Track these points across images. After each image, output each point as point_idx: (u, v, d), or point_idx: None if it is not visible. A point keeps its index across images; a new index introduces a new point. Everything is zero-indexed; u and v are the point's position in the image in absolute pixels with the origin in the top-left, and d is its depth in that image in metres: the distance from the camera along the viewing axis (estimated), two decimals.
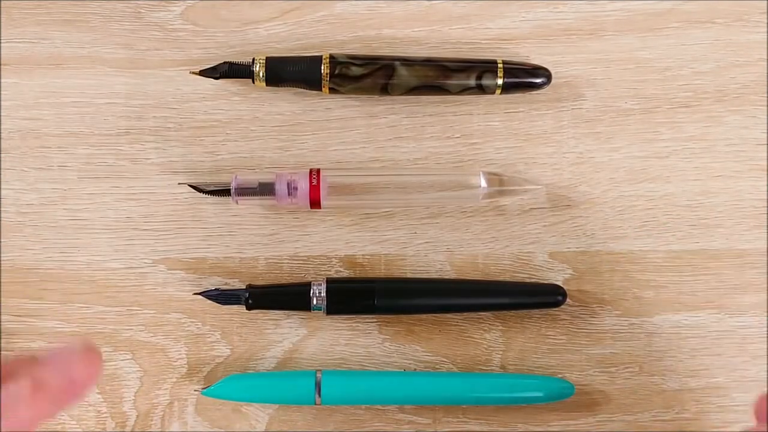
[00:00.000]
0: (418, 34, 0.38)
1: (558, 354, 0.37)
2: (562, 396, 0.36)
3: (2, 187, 0.37)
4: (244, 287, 0.36)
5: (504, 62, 0.37)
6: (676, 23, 0.38)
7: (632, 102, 0.38)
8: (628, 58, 0.38)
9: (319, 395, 0.35)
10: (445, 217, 0.38)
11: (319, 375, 0.35)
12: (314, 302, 0.35)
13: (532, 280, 0.37)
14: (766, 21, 0.38)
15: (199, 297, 0.36)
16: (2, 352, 0.28)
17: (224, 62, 0.37)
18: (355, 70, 0.36)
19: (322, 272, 0.37)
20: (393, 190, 0.36)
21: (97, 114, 0.38)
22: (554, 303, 0.36)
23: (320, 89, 0.37)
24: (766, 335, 0.37)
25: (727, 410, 0.37)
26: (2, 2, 0.38)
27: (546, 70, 0.37)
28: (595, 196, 0.38)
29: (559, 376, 0.37)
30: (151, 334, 0.37)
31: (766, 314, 0.37)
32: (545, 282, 0.37)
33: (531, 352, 0.37)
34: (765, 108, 0.38)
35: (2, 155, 0.37)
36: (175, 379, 0.37)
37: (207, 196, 0.36)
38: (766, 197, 0.37)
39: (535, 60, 0.38)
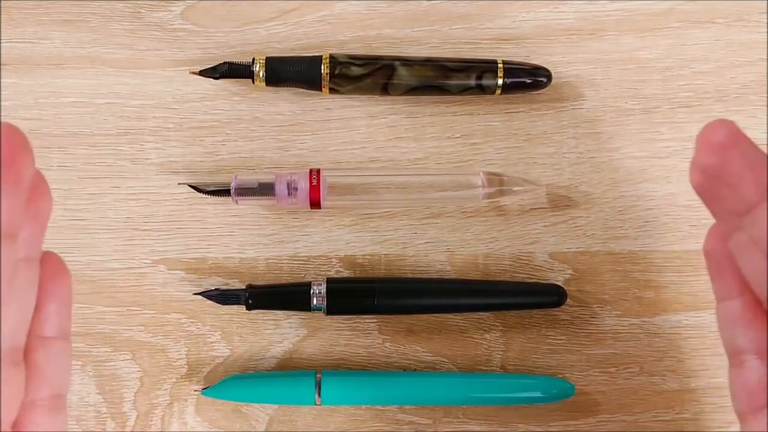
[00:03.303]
0: (418, 34, 0.38)
1: (558, 354, 0.37)
2: (562, 396, 0.36)
3: None
4: (244, 287, 0.36)
5: (504, 62, 0.37)
6: (676, 23, 0.38)
7: (632, 102, 0.38)
8: (628, 58, 0.38)
9: (319, 395, 0.35)
10: (445, 217, 0.38)
11: (319, 375, 0.35)
12: (314, 302, 0.35)
13: (532, 280, 0.37)
14: (766, 21, 0.38)
15: (199, 297, 0.36)
16: None
17: (224, 62, 0.37)
18: (355, 70, 0.36)
19: (322, 272, 0.37)
20: (393, 190, 0.36)
21: (97, 114, 0.38)
22: (554, 303, 0.36)
23: (320, 89, 0.37)
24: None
25: (727, 410, 0.37)
26: (2, 2, 0.38)
27: (546, 70, 0.37)
28: (595, 196, 0.38)
29: (559, 376, 0.37)
30: (151, 335, 0.37)
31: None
32: (545, 282, 0.37)
33: (531, 352, 0.37)
34: (765, 108, 0.38)
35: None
36: (175, 379, 0.37)
37: (207, 196, 0.36)
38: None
39: (535, 60, 0.38)
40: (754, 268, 0.28)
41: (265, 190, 0.36)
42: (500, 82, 0.37)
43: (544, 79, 0.37)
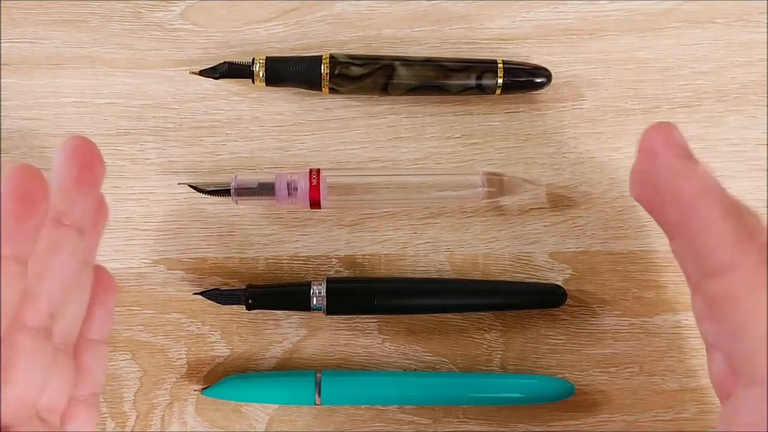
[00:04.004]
0: (418, 34, 0.38)
1: (558, 354, 0.37)
2: (562, 396, 0.36)
3: None
4: (244, 287, 0.36)
5: (504, 62, 0.37)
6: (676, 23, 0.38)
7: (632, 102, 0.38)
8: (628, 58, 0.38)
9: (319, 395, 0.35)
10: (445, 217, 0.38)
11: (319, 375, 0.35)
12: (314, 302, 0.35)
13: (532, 280, 0.37)
14: (766, 21, 0.38)
15: (199, 297, 0.36)
16: None
17: (224, 62, 0.37)
18: (355, 70, 0.36)
19: (322, 272, 0.37)
20: (393, 190, 0.36)
21: (97, 114, 0.38)
22: (554, 303, 0.36)
23: (320, 89, 0.37)
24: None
25: None
26: (2, 2, 0.38)
27: (546, 70, 0.37)
28: (595, 196, 0.38)
29: (559, 376, 0.37)
30: (151, 334, 0.37)
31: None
32: (545, 282, 0.37)
33: (531, 352, 0.37)
34: (765, 108, 0.38)
35: (2, 155, 0.37)
36: (175, 379, 0.37)
37: (207, 196, 0.36)
38: (766, 197, 0.37)
39: (535, 60, 0.38)
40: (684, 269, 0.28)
41: (265, 190, 0.36)
42: (500, 82, 0.37)
43: (544, 79, 0.37)
